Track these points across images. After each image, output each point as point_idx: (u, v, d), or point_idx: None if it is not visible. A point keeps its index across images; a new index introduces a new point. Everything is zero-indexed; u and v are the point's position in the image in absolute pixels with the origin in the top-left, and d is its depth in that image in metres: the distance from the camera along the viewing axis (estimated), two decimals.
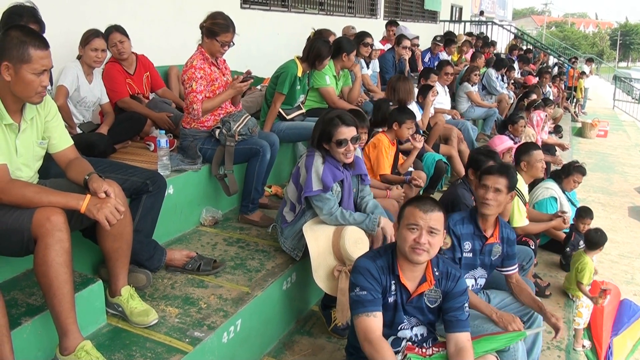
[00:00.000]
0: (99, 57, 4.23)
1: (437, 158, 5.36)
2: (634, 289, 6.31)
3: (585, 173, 5.50)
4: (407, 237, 2.50)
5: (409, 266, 2.60)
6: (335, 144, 3.32)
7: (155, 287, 3.12)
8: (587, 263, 4.70)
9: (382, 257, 2.61)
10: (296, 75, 4.67)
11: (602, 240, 4.80)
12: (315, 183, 3.29)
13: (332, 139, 3.32)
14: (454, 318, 2.65)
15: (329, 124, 3.35)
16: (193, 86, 3.87)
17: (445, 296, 2.68)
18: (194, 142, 4.07)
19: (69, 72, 4.15)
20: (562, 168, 5.38)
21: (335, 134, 3.32)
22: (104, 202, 2.37)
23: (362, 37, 6.47)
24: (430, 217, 2.50)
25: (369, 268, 2.54)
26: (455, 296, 2.68)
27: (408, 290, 2.63)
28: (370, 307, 2.49)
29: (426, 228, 2.49)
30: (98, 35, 4.22)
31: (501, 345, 2.81)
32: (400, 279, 2.60)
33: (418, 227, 2.49)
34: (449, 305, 2.67)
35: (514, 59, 13.03)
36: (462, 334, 2.63)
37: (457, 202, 4.06)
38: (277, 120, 4.82)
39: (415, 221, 2.49)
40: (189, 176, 3.97)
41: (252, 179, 4.08)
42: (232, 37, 3.96)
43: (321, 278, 3.27)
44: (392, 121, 4.65)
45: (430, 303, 2.68)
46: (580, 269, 4.68)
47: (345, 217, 3.37)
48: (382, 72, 7.64)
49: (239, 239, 3.92)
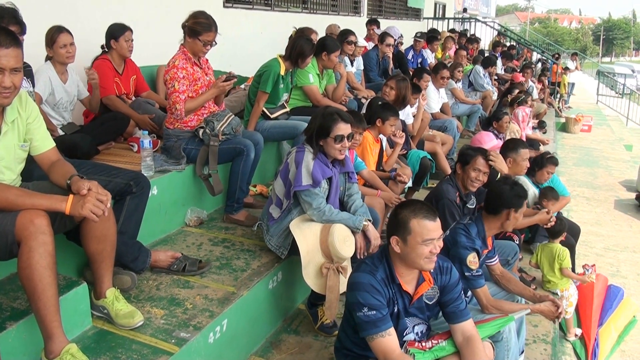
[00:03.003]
0: (70, 52, 4.17)
1: (421, 155, 5.39)
2: (619, 281, 6.40)
3: (558, 163, 5.52)
4: (423, 251, 2.49)
5: (406, 270, 2.61)
6: (333, 139, 3.34)
7: (141, 289, 3.11)
8: (563, 250, 4.76)
9: (378, 268, 2.59)
10: (279, 74, 4.68)
11: (563, 228, 4.83)
12: (305, 178, 3.30)
13: (330, 134, 3.34)
14: (455, 309, 2.67)
15: (329, 119, 3.36)
16: (175, 86, 3.87)
17: (442, 290, 2.71)
18: (177, 142, 4.06)
19: (41, 76, 4.08)
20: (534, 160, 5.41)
21: (334, 129, 3.34)
22: (85, 197, 2.34)
23: (345, 35, 6.48)
24: (438, 224, 2.52)
25: (372, 284, 2.51)
26: (452, 287, 2.71)
27: (409, 294, 2.65)
28: (383, 327, 2.47)
29: (438, 237, 2.51)
30: (62, 30, 4.15)
31: (492, 331, 2.84)
32: (402, 287, 2.61)
33: (433, 240, 2.49)
34: (447, 298, 2.69)
35: (497, 55, 13.11)
36: (466, 323, 2.66)
37: (440, 197, 4.10)
38: (261, 119, 4.83)
39: (431, 236, 2.48)
40: (173, 177, 3.96)
41: (236, 178, 4.08)
42: (215, 36, 3.96)
43: (310, 276, 3.28)
44: (375, 118, 4.67)
45: (429, 300, 2.71)
46: (561, 258, 4.73)
47: (332, 214, 3.38)
48: (366, 70, 7.66)
49: (224, 238, 3.93)
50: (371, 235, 3.44)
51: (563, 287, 4.79)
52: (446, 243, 3.38)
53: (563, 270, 4.75)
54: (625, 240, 8.14)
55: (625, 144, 15.60)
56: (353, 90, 6.69)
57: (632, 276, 6.90)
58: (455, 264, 3.23)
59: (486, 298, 3.24)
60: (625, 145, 15.36)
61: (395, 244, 2.55)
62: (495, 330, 2.85)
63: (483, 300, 3.23)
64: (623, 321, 5.36)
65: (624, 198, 10.24)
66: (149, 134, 4.10)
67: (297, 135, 4.68)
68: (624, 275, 6.90)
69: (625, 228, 8.74)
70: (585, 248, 7.43)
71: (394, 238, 2.56)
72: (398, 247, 2.54)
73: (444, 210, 4.04)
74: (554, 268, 4.77)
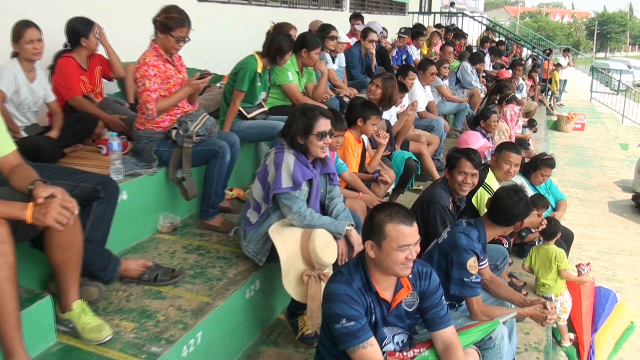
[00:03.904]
0: (37, 49, 4.14)
1: (406, 156, 5.40)
2: (615, 286, 6.44)
3: (554, 166, 5.56)
4: (399, 257, 2.49)
5: (382, 277, 2.61)
6: (316, 136, 3.33)
7: (109, 300, 3.08)
8: (559, 251, 4.80)
9: (354, 277, 2.59)
10: (256, 71, 4.67)
11: (557, 228, 4.88)
12: (285, 180, 3.29)
13: (312, 130, 3.33)
14: (435, 315, 2.68)
15: (309, 116, 3.36)
16: (146, 84, 3.84)
17: (422, 296, 2.72)
18: (148, 144, 4.04)
19: (5, 73, 4.04)
20: (529, 161, 5.45)
21: (316, 125, 3.33)
22: (48, 204, 2.26)
23: (326, 30, 6.50)
24: (415, 229, 2.52)
25: (349, 294, 2.51)
26: (432, 293, 2.72)
27: (387, 302, 2.65)
28: (363, 337, 2.48)
29: (415, 242, 2.52)
30: (29, 25, 4.11)
31: (477, 337, 2.86)
32: (379, 295, 2.62)
33: (409, 246, 2.50)
34: (427, 304, 2.70)
35: (486, 51, 13.21)
36: (447, 330, 2.67)
37: (432, 202, 4.11)
38: (238, 120, 4.82)
39: (407, 242, 2.48)
40: (144, 180, 3.94)
41: (211, 182, 4.07)
42: (188, 32, 3.94)
43: (290, 283, 3.28)
44: (355, 117, 4.68)
45: (408, 307, 2.71)
46: (558, 260, 4.76)
47: (314, 218, 3.38)
48: (348, 67, 7.68)
49: (199, 246, 3.91)
50: (354, 240, 3.45)
51: (557, 292, 4.83)
52: (444, 247, 3.40)
53: (561, 272, 4.78)
54: (621, 243, 8.21)
55: (621, 142, 15.75)
56: (334, 88, 6.70)
57: (629, 280, 6.95)
58: (454, 268, 3.26)
59: (478, 305, 3.26)
60: (620, 143, 15.51)
61: (370, 249, 2.56)
62: (480, 336, 2.87)
63: (474, 307, 3.25)
64: (620, 327, 5.38)
65: (620, 199, 10.34)
66: (118, 135, 4.08)
67: (276, 136, 4.68)
68: (620, 279, 6.95)
69: (621, 230, 8.81)
70: (579, 252, 7.49)
71: (368, 242, 2.57)
72: (372, 252, 2.55)
73: (435, 216, 4.06)
74: (549, 271, 4.80)
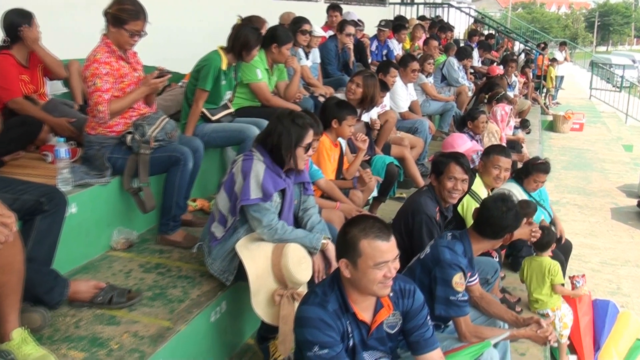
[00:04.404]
0: None
1: (387, 161, 5.42)
2: (620, 300, 6.49)
3: (548, 171, 5.59)
4: (376, 276, 2.49)
5: (361, 297, 2.61)
6: (303, 148, 3.36)
7: (56, 327, 3.03)
8: (554, 264, 4.83)
9: (329, 298, 2.59)
10: (220, 69, 4.66)
11: (551, 239, 4.90)
12: (253, 190, 3.28)
13: (301, 142, 3.35)
14: (420, 337, 2.69)
15: (300, 125, 3.37)
16: (97, 84, 3.81)
17: (405, 316, 2.72)
18: (100, 150, 4.00)
19: None
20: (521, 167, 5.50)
21: (306, 137, 3.36)
22: None
23: (299, 24, 6.51)
24: (393, 244, 2.52)
25: (323, 318, 2.51)
26: (416, 313, 2.72)
27: (367, 324, 2.65)
28: None
29: (393, 258, 2.51)
30: None
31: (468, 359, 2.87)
32: (357, 316, 2.61)
33: (387, 263, 2.49)
34: (412, 325, 2.71)
35: (474, 45, 13.33)
36: (433, 353, 2.69)
37: (417, 212, 4.13)
38: (201, 122, 4.80)
39: (384, 259, 2.48)
40: (96, 191, 3.90)
41: (172, 192, 4.05)
42: (144, 25, 3.92)
43: (260, 305, 3.26)
44: (330, 119, 4.67)
45: (390, 329, 2.71)
46: (552, 274, 4.78)
47: (286, 232, 3.38)
48: (323, 64, 7.70)
49: (158, 263, 3.89)
50: (331, 255, 3.45)
51: (554, 306, 4.85)
52: (427, 263, 3.40)
53: (555, 287, 4.81)
54: (626, 254, 8.28)
55: (624, 143, 15.97)
56: (308, 86, 6.71)
57: (636, 294, 6.98)
58: (438, 286, 3.26)
59: (466, 325, 3.27)
60: (624, 145, 15.73)
61: (345, 268, 2.55)
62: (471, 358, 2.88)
63: (462, 327, 3.26)
64: (626, 342, 5.36)
65: (623, 205, 10.45)
66: (66, 141, 4.02)
67: (244, 141, 4.67)
68: (626, 293, 6.99)
69: (625, 239, 8.90)
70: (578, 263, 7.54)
71: (342, 261, 2.56)
72: (348, 272, 2.54)
73: (420, 227, 4.08)
74: (542, 285, 4.82)
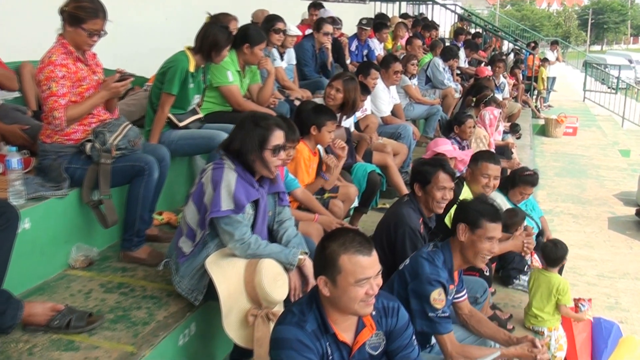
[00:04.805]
0: None
1: (369, 169, 5.44)
2: (619, 316, 6.53)
3: (536, 183, 5.61)
4: (357, 294, 2.49)
5: (341, 316, 2.62)
6: (270, 151, 3.34)
7: (7, 354, 3.01)
8: (564, 283, 4.84)
9: (307, 318, 2.58)
10: (188, 71, 4.65)
11: (563, 253, 4.93)
12: (225, 202, 3.28)
13: (267, 145, 3.33)
14: (405, 359, 2.69)
15: (262, 126, 3.36)
16: (53, 88, 3.78)
17: (389, 336, 2.73)
18: (57, 160, 3.97)
19: None
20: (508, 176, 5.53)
21: (271, 138, 3.34)
22: None
23: (272, 22, 6.52)
24: (375, 259, 2.52)
25: (300, 339, 2.50)
26: (401, 332, 2.73)
27: (348, 345, 2.65)
28: None
29: (375, 274, 2.51)
30: None
31: None
32: (338, 337, 2.61)
33: (368, 279, 2.49)
34: (396, 346, 2.72)
35: (460, 45, 13.45)
36: None
37: (400, 224, 4.14)
38: (167, 129, 4.79)
39: (366, 275, 2.48)
40: (52, 205, 3.87)
41: (136, 205, 4.03)
42: (104, 24, 3.90)
43: (233, 326, 3.26)
44: (308, 125, 4.69)
45: (373, 350, 2.72)
46: (561, 293, 4.80)
47: (260, 246, 3.37)
48: (299, 65, 7.72)
49: (121, 283, 3.87)
50: (308, 271, 3.45)
51: (552, 326, 4.88)
52: (405, 275, 3.40)
53: (561, 307, 4.83)
54: (625, 266, 8.34)
55: (621, 148, 16.16)
56: (284, 89, 6.72)
57: (636, 309, 7.00)
58: (415, 300, 3.27)
59: (452, 344, 3.28)
60: (620, 150, 15.91)
61: (324, 286, 2.55)
62: None
63: (448, 347, 3.27)
64: None
65: (621, 214, 10.54)
66: (18, 150, 3.98)
67: (214, 148, 4.65)
68: (625, 307, 7.02)
69: (623, 250, 8.98)
70: (573, 276, 7.58)
71: (321, 279, 2.56)
72: (327, 290, 2.54)
73: (403, 240, 4.09)
74: (547, 302, 4.83)
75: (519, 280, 5.43)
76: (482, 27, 19.35)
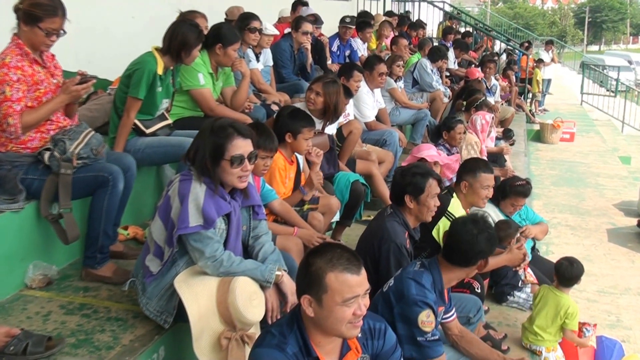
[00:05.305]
0: None
1: (352, 179, 5.42)
2: (621, 333, 6.55)
3: (528, 194, 5.66)
4: (345, 314, 2.48)
5: (325, 339, 2.61)
6: (229, 162, 3.30)
7: None
8: (574, 307, 4.83)
9: (288, 340, 2.57)
10: (155, 73, 4.63)
11: (579, 272, 4.90)
12: (193, 217, 3.26)
13: (224, 155, 3.30)
14: None
15: (219, 135, 3.32)
16: (7, 93, 3.76)
17: None
18: (12, 170, 3.94)
19: None
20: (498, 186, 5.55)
21: (229, 147, 3.30)
22: None
23: (247, 20, 6.51)
24: (364, 277, 2.52)
25: None
26: (388, 355, 2.75)
27: None
28: None
29: (363, 293, 2.51)
30: None
31: None
32: None
33: (356, 298, 2.49)
34: None
35: (449, 45, 13.53)
36: None
37: (384, 240, 4.13)
38: (133, 136, 4.77)
39: (354, 293, 2.47)
40: (7, 219, 3.85)
41: (99, 218, 4.02)
42: (63, 22, 3.90)
43: (204, 350, 3.23)
44: (283, 132, 4.67)
45: None
46: (569, 317, 4.79)
47: (233, 263, 3.36)
48: (276, 67, 7.72)
49: (83, 304, 3.85)
50: (287, 289, 3.44)
51: (550, 347, 4.88)
52: (389, 297, 3.40)
53: (566, 331, 4.84)
54: (626, 280, 8.36)
55: (621, 155, 16.27)
56: (260, 93, 6.72)
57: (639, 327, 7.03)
58: (402, 324, 3.26)
59: None
60: (620, 157, 16.02)
61: (308, 306, 2.54)
62: None
63: None
64: None
65: (622, 225, 10.59)
66: None
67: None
68: (627, 325, 7.04)
69: (625, 264, 9.01)
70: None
71: (305, 298, 2.55)
72: (311, 310, 2.53)
73: (387, 257, 4.09)
74: (552, 323, 4.82)
75: (513, 296, 5.44)
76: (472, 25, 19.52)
